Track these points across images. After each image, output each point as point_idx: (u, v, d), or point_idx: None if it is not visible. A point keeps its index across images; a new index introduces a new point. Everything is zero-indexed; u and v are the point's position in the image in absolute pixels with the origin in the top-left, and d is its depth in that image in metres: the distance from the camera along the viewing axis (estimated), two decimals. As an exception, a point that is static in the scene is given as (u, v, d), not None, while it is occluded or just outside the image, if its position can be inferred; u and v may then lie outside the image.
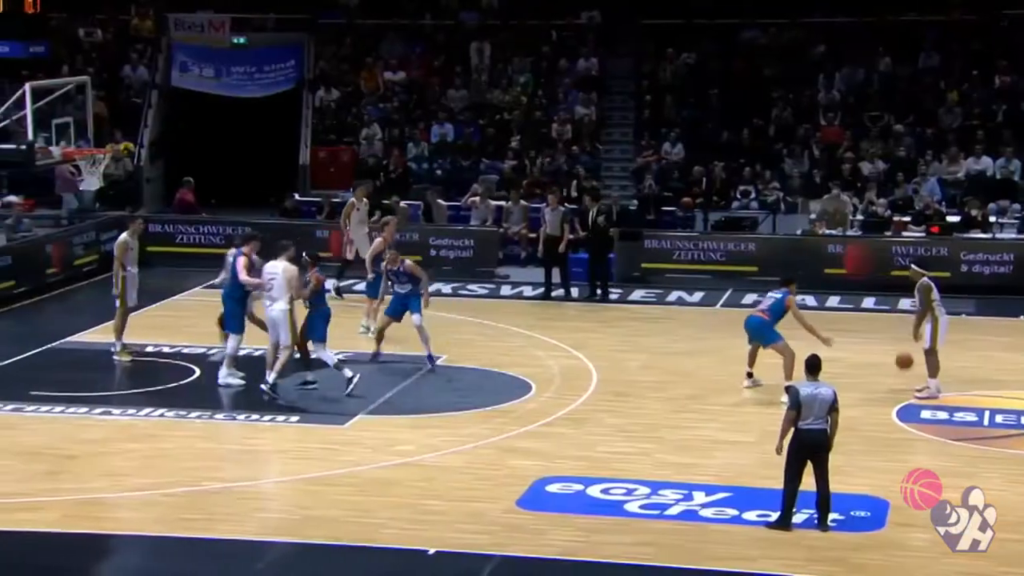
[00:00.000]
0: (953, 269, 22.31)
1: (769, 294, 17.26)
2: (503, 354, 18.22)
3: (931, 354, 16.59)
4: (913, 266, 17.49)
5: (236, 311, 16.84)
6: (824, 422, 12.29)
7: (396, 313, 17.89)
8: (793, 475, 12.30)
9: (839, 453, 14.57)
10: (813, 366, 12.75)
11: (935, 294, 16.67)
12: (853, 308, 21.84)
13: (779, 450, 12.30)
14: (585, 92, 28.94)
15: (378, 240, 19.12)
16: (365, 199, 22.29)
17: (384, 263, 18.19)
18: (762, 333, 16.82)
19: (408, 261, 18.12)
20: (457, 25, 30.48)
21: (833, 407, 12.35)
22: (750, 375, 17.09)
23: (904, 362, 16.54)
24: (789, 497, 12.34)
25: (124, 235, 18.40)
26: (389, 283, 18.24)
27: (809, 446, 12.25)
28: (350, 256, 21.78)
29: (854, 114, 27.91)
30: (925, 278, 16.80)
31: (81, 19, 30.51)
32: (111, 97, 29.21)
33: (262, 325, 16.77)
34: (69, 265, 23.14)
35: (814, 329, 16.61)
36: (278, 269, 16.24)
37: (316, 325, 16.58)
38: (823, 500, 12.39)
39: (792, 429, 12.28)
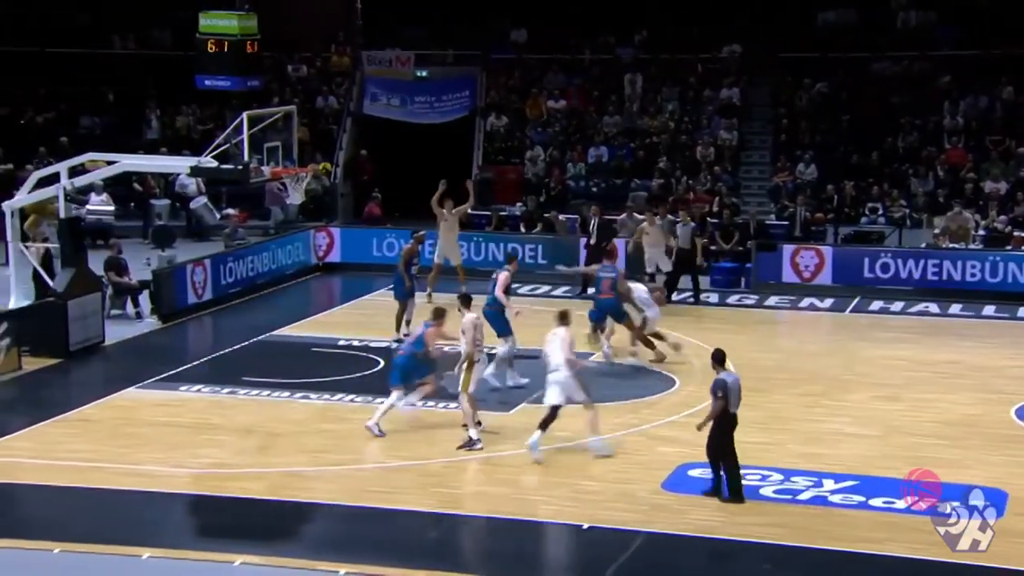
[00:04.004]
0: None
1: (602, 274, 17.49)
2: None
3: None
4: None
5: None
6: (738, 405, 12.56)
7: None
8: (732, 451, 12.48)
9: (959, 447, 14.22)
10: (720, 359, 12.83)
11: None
12: (974, 315, 21.14)
13: (700, 428, 12.59)
14: (727, 118, 28.66)
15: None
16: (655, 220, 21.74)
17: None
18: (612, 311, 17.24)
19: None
20: (613, 59, 30.47)
21: (740, 391, 12.59)
22: (633, 354, 17.40)
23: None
24: (736, 469, 12.49)
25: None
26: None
27: (734, 428, 12.47)
28: (650, 269, 21.36)
29: (977, 138, 27.07)
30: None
31: (289, 57, 31.43)
32: (312, 124, 29.99)
33: None
34: (275, 269, 23.75)
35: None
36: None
37: None
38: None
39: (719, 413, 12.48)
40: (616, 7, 30.16)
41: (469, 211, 23.22)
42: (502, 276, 16.57)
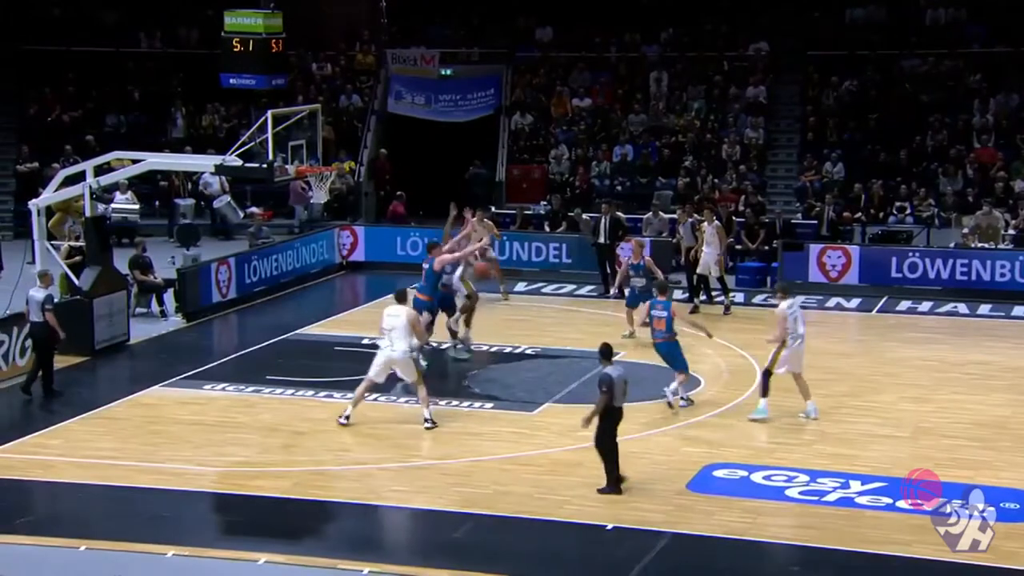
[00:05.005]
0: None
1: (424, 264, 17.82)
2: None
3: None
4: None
5: None
6: (624, 399, 12.64)
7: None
8: (614, 447, 12.65)
9: (990, 449, 14.10)
10: (607, 353, 12.90)
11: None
12: (1004, 316, 20.98)
13: (587, 423, 12.58)
14: (753, 116, 28.55)
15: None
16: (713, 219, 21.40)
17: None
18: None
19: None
20: (639, 57, 30.41)
21: (625, 385, 12.69)
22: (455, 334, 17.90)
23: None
24: (615, 465, 12.64)
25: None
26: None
27: (619, 422, 12.61)
28: (702, 271, 21.10)
29: (1007, 137, 26.86)
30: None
31: (314, 56, 31.51)
32: (336, 122, 30.05)
33: None
34: (299, 267, 23.75)
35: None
36: None
37: None
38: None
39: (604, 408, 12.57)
40: (642, 5, 30.10)
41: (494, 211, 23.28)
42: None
